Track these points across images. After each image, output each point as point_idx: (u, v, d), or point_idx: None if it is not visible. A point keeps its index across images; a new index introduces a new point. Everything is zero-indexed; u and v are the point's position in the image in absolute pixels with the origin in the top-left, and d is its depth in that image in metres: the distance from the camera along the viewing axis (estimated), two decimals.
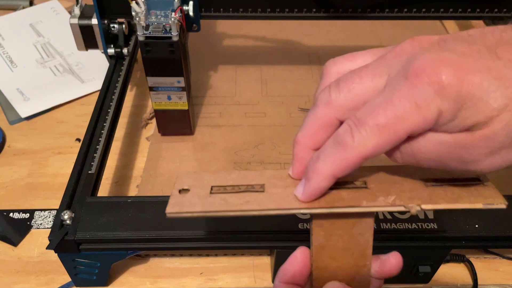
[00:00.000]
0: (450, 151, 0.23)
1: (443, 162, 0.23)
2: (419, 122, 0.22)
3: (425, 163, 0.24)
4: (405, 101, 0.21)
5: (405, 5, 0.53)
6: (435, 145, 0.23)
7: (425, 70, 0.21)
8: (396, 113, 0.22)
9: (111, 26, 0.55)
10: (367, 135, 0.22)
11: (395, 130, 0.22)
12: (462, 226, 0.39)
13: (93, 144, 0.46)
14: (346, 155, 0.23)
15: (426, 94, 0.21)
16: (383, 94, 0.23)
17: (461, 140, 0.22)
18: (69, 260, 0.40)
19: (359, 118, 0.23)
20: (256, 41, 0.71)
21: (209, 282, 0.44)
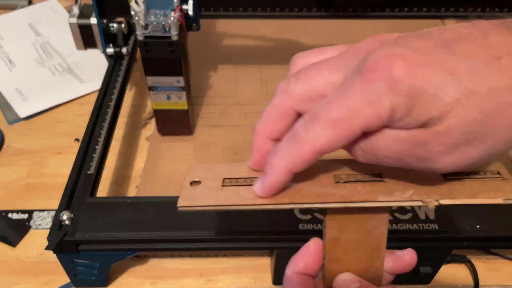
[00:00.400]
0: (408, 149, 0.22)
1: (402, 160, 0.23)
2: (372, 118, 0.21)
3: (386, 161, 0.23)
4: (358, 96, 0.21)
5: (405, 5, 0.53)
6: (392, 142, 0.22)
7: (378, 66, 0.21)
8: (349, 108, 0.21)
9: (110, 25, 0.55)
10: (321, 130, 0.22)
11: (348, 125, 0.22)
12: (463, 227, 0.39)
13: (92, 144, 0.46)
14: (300, 150, 0.23)
15: (379, 89, 0.21)
16: (338, 89, 0.22)
17: (416, 137, 0.22)
18: (68, 261, 0.40)
19: (314, 113, 0.22)
20: (256, 40, 0.71)
21: (209, 283, 0.44)
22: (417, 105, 0.21)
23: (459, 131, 0.21)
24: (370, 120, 0.21)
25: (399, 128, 0.22)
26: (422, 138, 0.22)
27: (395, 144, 0.22)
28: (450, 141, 0.21)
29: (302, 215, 0.39)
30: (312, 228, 0.38)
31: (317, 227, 0.38)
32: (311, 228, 0.38)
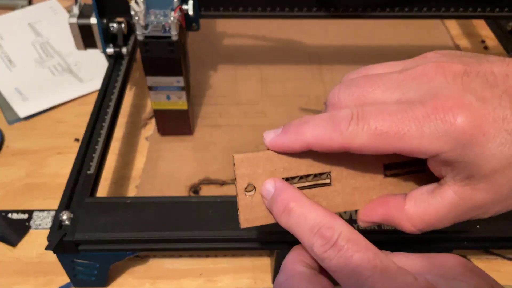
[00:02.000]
0: (462, 214, 0.24)
1: (459, 220, 0.24)
2: (413, 148, 0.22)
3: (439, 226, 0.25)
4: (413, 124, 0.21)
5: (406, 4, 0.53)
6: (449, 210, 0.24)
7: (443, 108, 0.21)
8: (399, 129, 0.22)
9: (110, 25, 0.55)
10: (361, 132, 0.22)
11: (389, 142, 0.22)
12: (463, 227, 0.39)
13: (92, 144, 0.46)
14: (332, 136, 0.23)
15: (436, 129, 0.21)
16: (397, 106, 0.22)
17: (469, 198, 0.23)
18: (68, 261, 0.40)
19: (365, 113, 0.22)
20: (256, 40, 0.71)
21: (209, 283, 0.44)
22: (468, 156, 0.21)
23: (508, 189, 0.22)
24: (411, 150, 0.22)
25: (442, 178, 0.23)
26: (478, 202, 0.23)
27: (452, 212, 0.24)
28: (501, 197, 0.22)
29: None
30: None
31: None
32: None
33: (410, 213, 0.25)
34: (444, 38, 0.72)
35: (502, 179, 0.22)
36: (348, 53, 0.69)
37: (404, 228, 0.25)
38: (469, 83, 0.22)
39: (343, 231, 0.23)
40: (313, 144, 0.23)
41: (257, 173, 0.25)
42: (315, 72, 0.66)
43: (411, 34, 0.73)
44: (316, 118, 0.24)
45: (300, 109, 0.60)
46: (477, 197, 0.23)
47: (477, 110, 0.21)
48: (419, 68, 0.23)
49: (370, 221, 0.27)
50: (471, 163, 0.22)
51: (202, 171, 0.52)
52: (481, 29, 0.74)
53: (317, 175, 0.26)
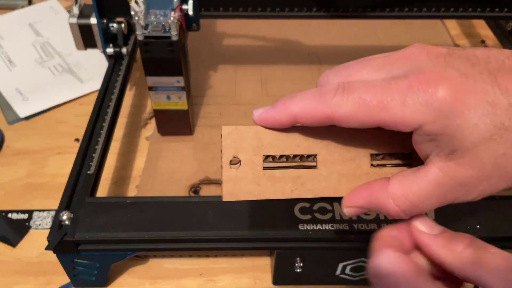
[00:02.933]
0: (446, 192, 0.23)
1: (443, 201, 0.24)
2: (397, 119, 0.22)
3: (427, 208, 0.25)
4: (396, 94, 0.22)
5: (405, 4, 0.53)
6: (433, 187, 0.23)
7: (426, 80, 0.22)
8: (382, 99, 0.22)
9: (110, 25, 0.55)
10: (346, 101, 0.23)
11: (372, 111, 0.22)
12: (463, 227, 0.39)
13: (92, 144, 0.46)
14: (317, 106, 0.23)
15: (418, 99, 0.22)
16: (382, 80, 0.23)
17: (455, 176, 0.23)
18: (68, 261, 0.40)
19: (350, 85, 0.23)
20: (256, 40, 0.71)
21: (209, 283, 0.44)
22: (450, 128, 0.22)
23: (491, 164, 0.22)
24: (394, 120, 0.22)
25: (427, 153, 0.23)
26: (462, 178, 0.23)
27: (436, 190, 0.23)
28: (484, 173, 0.22)
29: (302, 215, 0.39)
30: (312, 228, 0.38)
31: (317, 227, 0.38)
32: (311, 228, 0.38)
33: (394, 192, 0.24)
34: (444, 38, 0.73)
35: (484, 152, 0.22)
36: (348, 53, 0.69)
37: (388, 210, 0.25)
38: (451, 62, 0.23)
39: None
40: (299, 116, 0.24)
41: (242, 147, 0.26)
42: (315, 72, 0.66)
43: (411, 34, 0.73)
44: (303, 93, 0.24)
45: None
46: (461, 173, 0.23)
47: (458, 83, 0.22)
48: (404, 50, 0.24)
49: (354, 205, 0.26)
50: (454, 136, 0.22)
51: (202, 171, 0.52)
52: (481, 29, 0.74)
53: (303, 157, 0.26)
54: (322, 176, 0.27)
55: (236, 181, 0.26)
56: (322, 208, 0.39)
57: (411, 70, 0.23)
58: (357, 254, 0.39)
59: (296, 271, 0.41)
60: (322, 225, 0.38)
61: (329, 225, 0.38)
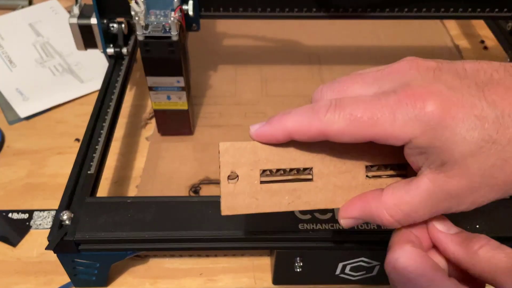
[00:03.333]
0: (438, 202, 0.24)
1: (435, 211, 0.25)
2: (387, 134, 0.23)
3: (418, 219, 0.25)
4: (386, 110, 0.23)
5: (405, 5, 0.53)
6: (425, 198, 0.24)
7: (414, 95, 0.22)
8: (373, 115, 0.23)
9: (111, 25, 0.55)
10: (338, 118, 0.24)
11: (363, 127, 0.23)
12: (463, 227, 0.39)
13: (93, 144, 0.46)
14: (310, 123, 0.24)
15: (408, 114, 0.22)
16: (372, 96, 0.24)
17: (444, 185, 0.23)
18: (68, 261, 0.40)
19: (342, 102, 0.24)
20: (256, 41, 0.71)
21: (209, 283, 0.44)
22: (439, 141, 0.22)
23: (480, 176, 0.22)
24: (384, 135, 0.23)
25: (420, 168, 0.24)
26: (452, 189, 0.23)
27: (428, 201, 0.24)
28: (474, 185, 0.23)
29: (302, 214, 0.39)
30: (312, 227, 0.38)
31: (317, 227, 0.38)
32: (311, 228, 0.38)
33: (387, 202, 0.25)
34: (443, 38, 0.73)
35: (473, 164, 0.22)
36: (348, 54, 0.69)
37: (382, 219, 0.25)
38: (440, 76, 0.23)
39: None
40: (293, 132, 0.25)
41: (240, 162, 0.26)
42: (315, 72, 0.66)
43: (411, 35, 0.73)
44: (297, 109, 0.25)
45: None
46: (451, 184, 0.23)
47: (446, 96, 0.22)
48: (395, 65, 0.25)
49: (350, 217, 0.27)
50: (443, 149, 0.22)
51: (202, 171, 0.52)
52: (480, 29, 0.74)
53: (299, 170, 0.27)
54: (318, 188, 0.27)
55: (234, 196, 0.26)
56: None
57: (400, 85, 0.23)
58: (357, 254, 0.40)
59: (296, 270, 0.41)
60: (322, 225, 0.38)
61: (329, 224, 0.38)
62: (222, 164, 0.26)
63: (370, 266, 0.41)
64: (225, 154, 0.26)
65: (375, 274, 0.42)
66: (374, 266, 0.41)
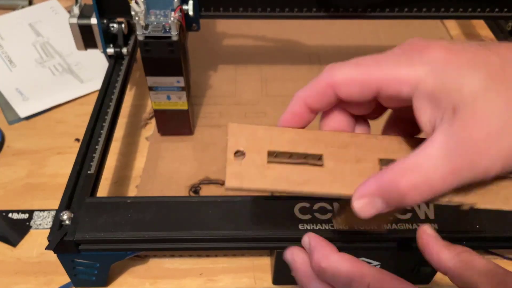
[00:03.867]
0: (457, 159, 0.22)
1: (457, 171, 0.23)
2: (392, 77, 0.24)
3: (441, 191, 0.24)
4: (390, 57, 0.24)
5: (405, 5, 0.53)
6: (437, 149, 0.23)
7: (417, 45, 0.24)
8: (377, 63, 0.24)
9: (111, 25, 0.55)
10: (344, 67, 0.25)
11: (370, 73, 0.24)
12: (463, 227, 0.39)
13: (92, 144, 0.46)
14: (318, 80, 0.26)
15: (412, 58, 0.23)
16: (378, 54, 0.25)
17: (459, 134, 0.22)
18: (68, 261, 0.40)
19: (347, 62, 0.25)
20: (256, 40, 0.71)
21: (209, 283, 0.44)
22: (447, 81, 0.22)
23: (495, 118, 0.21)
24: (390, 80, 0.24)
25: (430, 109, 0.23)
26: (468, 138, 0.21)
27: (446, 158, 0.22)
28: (491, 129, 0.21)
29: (302, 215, 0.39)
30: (312, 228, 0.38)
31: (317, 227, 0.38)
32: (311, 228, 0.38)
33: (403, 166, 0.23)
34: (444, 38, 0.73)
35: (486, 104, 0.21)
36: (348, 54, 0.68)
37: (400, 187, 0.23)
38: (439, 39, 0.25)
39: (372, 281, 0.25)
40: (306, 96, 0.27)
41: (248, 141, 0.26)
42: (315, 72, 0.65)
43: (411, 35, 0.72)
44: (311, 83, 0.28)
45: None
46: (466, 131, 0.21)
47: (449, 44, 0.23)
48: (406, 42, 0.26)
49: (365, 194, 0.24)
50: (451, 89, 0.22)
51: (202, 171, 0.52)
52: (480, 30, 0.74)
53: (308, 156, 0.26)
54: (328, 174, 0.26)
55: (239, 170, 0.25)
56: (322, 208, 0.39)
57: (405, 43, 0.25)
58: (357, 254, 0.39)
59: None
60: (322, 225, 0.38)
61: (329, 225, 0.38)
62: (229, 140, 0.26)
63: None
64: (233, 130, 0.26)
65: None
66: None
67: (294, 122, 0.27)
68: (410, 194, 0.23)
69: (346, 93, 0.25)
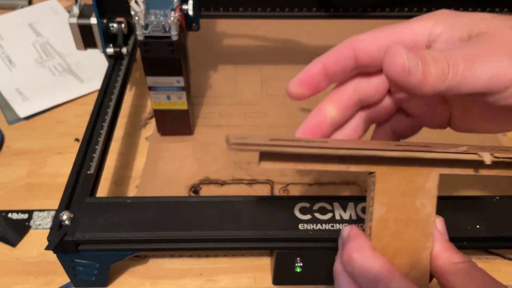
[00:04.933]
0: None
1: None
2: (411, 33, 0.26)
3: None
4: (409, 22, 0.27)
5: (405, 4, 0.53)
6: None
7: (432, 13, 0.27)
8: (395, 26, 0.28)
9: (110, 25, 0.55)
10: (366, 32, 0.28)
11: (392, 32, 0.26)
12: (463, 227, 0.39)
13: (92, 144, 0.46)
14: (339, 45, 0.27)
15: (424, 17, 0.26)
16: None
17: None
18: (68, 261, 0.40)
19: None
20: (256, 40, 0.71)
21: (209, 283, 0.44)
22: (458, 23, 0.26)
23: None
24: (411, 33, 0.26)
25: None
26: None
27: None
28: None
29: (302, 215, 0.39)
30: (312, 228, 0.38)
31: (317, 227, 0.38)
32: (311, 228, 0.38)
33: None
34: None
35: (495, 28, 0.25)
36: None
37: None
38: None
39: (398, 286, 0.24)
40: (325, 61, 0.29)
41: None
42: None
43: None
44: None
45: (300, 109, 0.60)
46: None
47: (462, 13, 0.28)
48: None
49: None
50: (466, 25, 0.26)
51: (202, 171, 0.52)
52: None
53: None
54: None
55: (243, 135, 0.24)
56: (322, 208, 0.39)
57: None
58: None
59: (296, 271, 0.41)
60: (322, 225, 0.38)
61: (329, 225, 0.38)
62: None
63: None
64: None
65: None
66: None
67: (307, 86, 0.27)
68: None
69: (365, 49, 0.26)
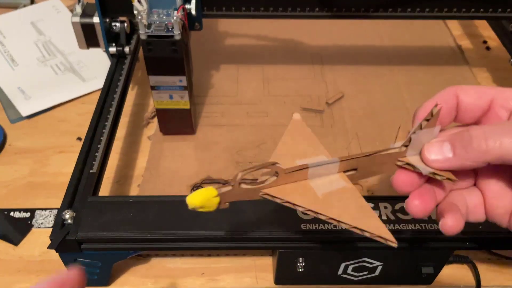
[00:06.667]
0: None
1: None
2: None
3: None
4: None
5: (408, 5, 0.53)
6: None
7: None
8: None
9: (113, 24, 0.55)
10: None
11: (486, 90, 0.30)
12: (466, 227, 0.39)
13: (95, 143, 0.46)
14: (442, 91, 0.30)
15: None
16: None
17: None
18: (70, 260, 0.40)
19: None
20: (258, 40, 0.71)
21: (211, 282, 0.44)
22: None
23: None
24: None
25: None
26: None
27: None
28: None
29: (304, 214, 0.39)
30: (314, 228, 0.38)
31: (319, 227, 0.38)
32: (313, 228, 0.38)
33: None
34: (446, 38, 0.72)
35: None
36: (350, 54, 0.69)
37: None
38: None
39: None
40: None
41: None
42: (317, 72, 0.66)
43: (413, 35, 0.73)
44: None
45: (302, 109, 0.60)
46: None
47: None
48: None
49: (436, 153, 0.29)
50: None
51: (204, 171, 0.52)
52: (483, 30, 0.74)
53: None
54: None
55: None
56: None
57: None
58: (359, 254, 0.39)
59: (298, 270, 0.41)
60: (324, 225, 0.38)
61: (331, 225, 0.38)
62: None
63: (372, 266, 0.41)
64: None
65: (377, 274, 0.42)
66: (376, 267, 0.41)
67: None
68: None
69: (466, 96, 0.29)
